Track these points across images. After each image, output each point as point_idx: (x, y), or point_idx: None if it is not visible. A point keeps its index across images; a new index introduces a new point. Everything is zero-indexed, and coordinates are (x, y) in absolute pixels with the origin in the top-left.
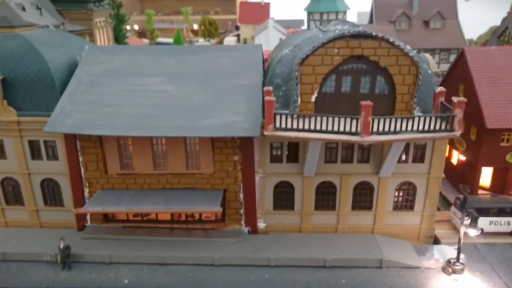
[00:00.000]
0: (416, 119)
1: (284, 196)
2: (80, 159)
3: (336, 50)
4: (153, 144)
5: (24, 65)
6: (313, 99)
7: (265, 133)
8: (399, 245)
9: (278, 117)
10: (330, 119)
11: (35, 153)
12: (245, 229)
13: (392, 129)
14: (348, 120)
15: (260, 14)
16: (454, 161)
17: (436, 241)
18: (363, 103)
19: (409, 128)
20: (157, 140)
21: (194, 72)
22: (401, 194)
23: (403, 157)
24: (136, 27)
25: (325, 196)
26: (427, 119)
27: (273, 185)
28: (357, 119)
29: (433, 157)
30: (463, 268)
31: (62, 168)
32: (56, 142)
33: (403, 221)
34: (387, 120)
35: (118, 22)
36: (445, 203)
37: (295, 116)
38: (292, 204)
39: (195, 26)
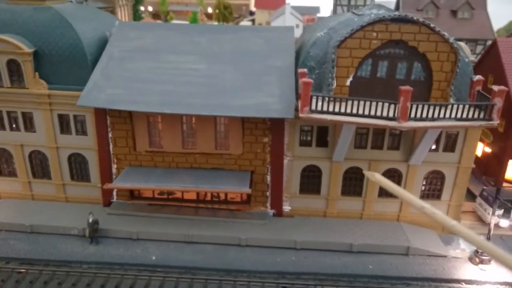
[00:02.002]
0: (455, 106)
1: (311, 180)
2: (110, 135)
3: (374, 34)
4: (182, 122)
5: (56, 38)
6: (348, 82)
7: (301, 115)
8: (425, 233)
9: (314, 100)
10: (368, 103)
11: (64, 127)
12: (270, 212)
13: (430, 115)
14: (386, 104)
15: None
16: (478, 153)
17: None
18: (402, 88)
19: (447, 115)
20: (187, 118)
21: (225, 52)
22: (429, 182)
23: (434, 146)
24: (150, 8)
25: (352, 182)
26: (466, 107)
27: (300, 168)
28: (395, 104)
29: (464, 147)
30: (490, 259)
31: (91, 143)
32: (85, 117)
33: None
34: (426, 106)
35: (136, 2)
36: (467, 195)
37: (331, 99)
38: (318, 189)
39: (210, 10)
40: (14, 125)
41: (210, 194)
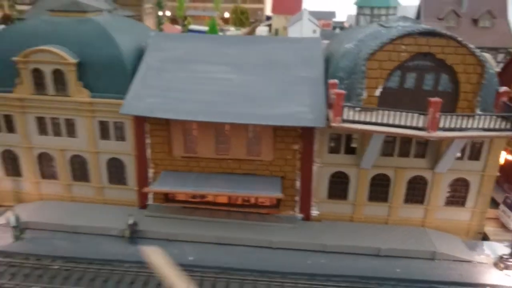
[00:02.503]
0: (482, 117)
1: (338, 186)
2: (147, 141)
3: (403, 47)
4: (216, 130)
5: (98, 49)
6: (377, 93)
7: (333, 124)
8: (450, 239)
9: (346, 109)
10: (398, 113)
11: (104, 133)
12: (299, 216)
13: (458, 126)
14: (416, 115)
15: (293, 4)
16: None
17: (484, 238)
18: (432, 99)
19: (474, 125)
20: (221, 126)
21: (256, 62)
22: (453, 190)
23: (459, 154)
24: (168, 13)
25: (379, 188)
26: (493, 118)
27: (329, 174)
28: (424, 115)
29: (489, 156)
30: None
31: (128, 148)
32: (124, 124)
33: (453, 216)
34: (454, 117)
35: (158, 7)
36: (490, 202)
37: (363, 108)
38: (345, 194)
39: (226, 14)
40: (57, 131)
41: (241, 198)
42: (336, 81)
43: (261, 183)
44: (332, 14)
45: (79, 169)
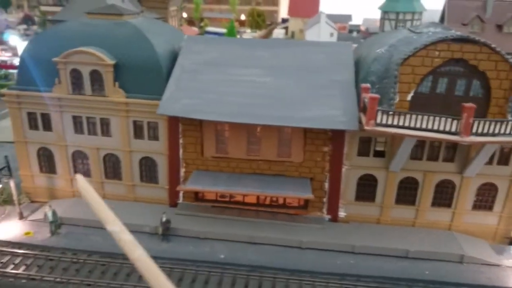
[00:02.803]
0: None
1: (366, 188)
2: (180, 141)
3: (437, 53)
4: (248, 131)
5: (134, 51)
6: (409, 98)
7: (366, 128)
8: (477, 243)
9: (379, 113)
10: (431, 118)
11: (138, 132)
12: (327, 217)
13: (490, 131)
14: (449, 120)
15: (310, 7)
16: None
17: (511, 242)
18: (466, 105)
19: (507, 131)
20: (252, 128)
21: (288, 65)
22: (481, 194)
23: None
24: (184, 14)
25: (407, 191)
26: None
27: (357, 177)
28: (458, 120)
29: None
30: None
31: (161, 148)
32: (158, 124)
33: (480, 220)
34: (487, 122)
35: (181, 10)
36: None
37: (396, 113)
38: (373, 196)
39: (243, 17)
40: (92, 130)
41: (269, 198)
42: (368, 85)
43: (291, 184)
44: (348, 18)
45: (112, 167)
